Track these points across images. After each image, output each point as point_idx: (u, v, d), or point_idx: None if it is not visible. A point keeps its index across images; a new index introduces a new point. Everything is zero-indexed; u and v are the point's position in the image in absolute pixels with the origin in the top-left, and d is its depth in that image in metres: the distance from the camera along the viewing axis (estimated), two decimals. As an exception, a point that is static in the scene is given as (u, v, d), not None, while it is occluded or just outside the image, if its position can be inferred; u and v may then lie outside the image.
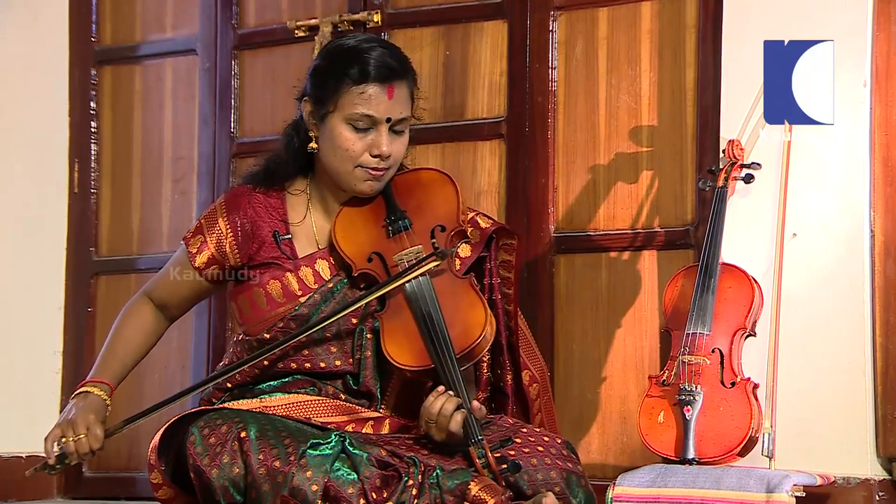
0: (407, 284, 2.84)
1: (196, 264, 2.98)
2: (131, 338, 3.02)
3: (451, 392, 2.75)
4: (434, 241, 2.90)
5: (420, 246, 2.90)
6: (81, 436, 2.81)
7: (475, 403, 2.77)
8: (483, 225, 2.98)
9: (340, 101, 2.87)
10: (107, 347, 3.01)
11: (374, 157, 2.88)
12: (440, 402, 2.74)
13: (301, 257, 2.95)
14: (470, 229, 2.96)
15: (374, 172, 2.89)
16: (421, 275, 2.85)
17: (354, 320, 2.91)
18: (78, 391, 2.91)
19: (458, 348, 2.80)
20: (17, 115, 4.47)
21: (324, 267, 2.95)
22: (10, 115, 4.47)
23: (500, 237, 2.97)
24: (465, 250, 2.96)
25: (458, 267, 2.94)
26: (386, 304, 2.88)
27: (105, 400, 2.91)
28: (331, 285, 2.92)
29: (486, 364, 2.97)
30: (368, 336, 2.90)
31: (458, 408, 2.73)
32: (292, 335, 2.86)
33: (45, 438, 2.82)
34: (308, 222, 2.99)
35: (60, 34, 4.46)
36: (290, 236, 2.97)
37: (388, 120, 2.87)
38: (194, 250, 2.99)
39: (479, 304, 2.85)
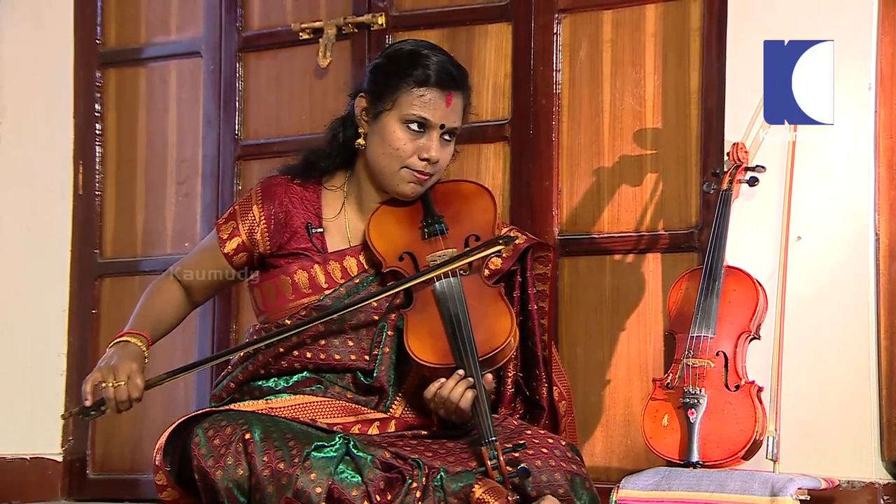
0: (437, 284, 2.86)
1: (225, 250, 3.01)
2: (163, 306, 3.03)
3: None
4: (468, 249, 2.92)
5: (454, 249, 2.91)
6: (122, 382, 2.80)
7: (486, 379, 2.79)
8: (517, 241, 2.99)
9: (399, 101, 2.90)
10: (140, 310, 3.00)
11: (423, 160, 2.91)
12: (452, 383, 2.77)
13: (331, 252, 2.97)
14: None
15: (418, 175, 2.92)
16: (456, 268, 2.86)
17: (376, 317, 2.92)
18: (116, 341, 2.90)
19: (481, 351, 2.81)
20: (21, 116, 4.47)
21: (352, 264, 2.97)
22: (15, 117, 4.48)
23: (535, 249, 2.98)
24: (495, 262, 2.97)
25: (487, 275, 2.95)
26: (413, 300, 2.89)
27: (144, 351, 2.91)
28: (357, 281, 2.95)
29: (510, 379, 2.98)
30: (389, 333, 2.92)
31: (471, 388, 2.77)
32: (313, 319, 2.87)
33: (85, 381, 2.81)
34: (342, 219, 3.02)
35: (65, 36, 4.46)
36: (321, 230, 3.00)
37: (442, 126, 2.91)
38: (225, 236, 3.02)
39: (507, 313, 2.86)
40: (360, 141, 2.96)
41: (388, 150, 2.91)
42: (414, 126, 2.91)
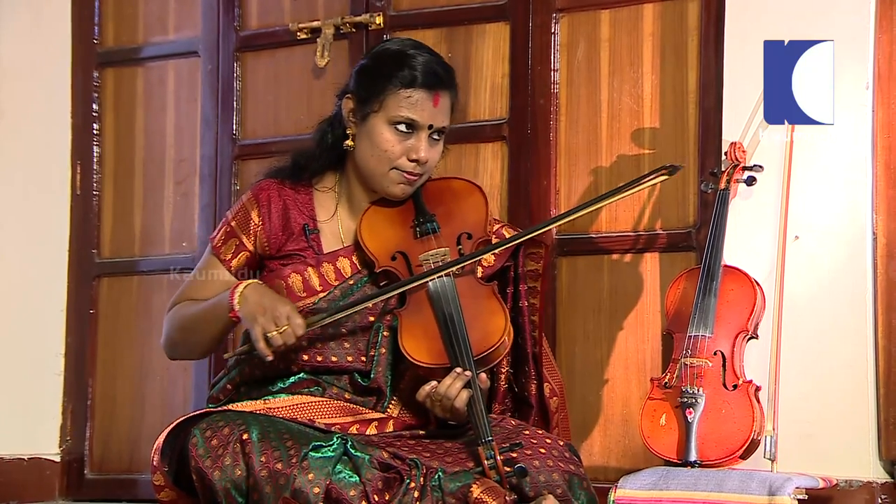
0: (430, 284, 2.86)
1: (233, 268, 2.99)
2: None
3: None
4: (460, 247, 2.92)
5: (447, 248, 2.91)
6: (285, 327, 2.80)
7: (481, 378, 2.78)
8: (509, 237, 2.99)
9: (386, 102, 2.90)
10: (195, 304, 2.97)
11: (412, 161, 2.91)
12: (449, 380, 2.76)
13: (325, 253, 2.97)
14: (495, 240, 2.97)
15: (408, 176, 2.92)
16: (459, 267, 2.87)
17: (372, 318, 2.92)
18: (240, 290, 2.84)
19: (476, 351, 2.81)
20: (19, 117, 4.47)
21: (345, 265, 2.96)
22: (13, 117, 4.47)
23: (527, 245, 2.98)
24: (488, 259, 2.97)
25: (480, 274, 2.95)
26: (407, 301, 2.89)
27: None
28: (351, 282, 2.94)
29: (503, 376, 2.98)
30: (385, 333, 2.92)
31: (465, 387, 2.77)
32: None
33: (255, 340, 2.80)
34: (335, 220, 3.02)
35: (63, 36, 4.46)
36: (317, 231, 2.99)
37: (430, 127, 2.90)
38: (228, 256, 3.00)
39: (500, 312, 2.86)
40: (349, 142, 2.96)
41: (377, 151, 2.91)
42: (402, 127, 2.90)
